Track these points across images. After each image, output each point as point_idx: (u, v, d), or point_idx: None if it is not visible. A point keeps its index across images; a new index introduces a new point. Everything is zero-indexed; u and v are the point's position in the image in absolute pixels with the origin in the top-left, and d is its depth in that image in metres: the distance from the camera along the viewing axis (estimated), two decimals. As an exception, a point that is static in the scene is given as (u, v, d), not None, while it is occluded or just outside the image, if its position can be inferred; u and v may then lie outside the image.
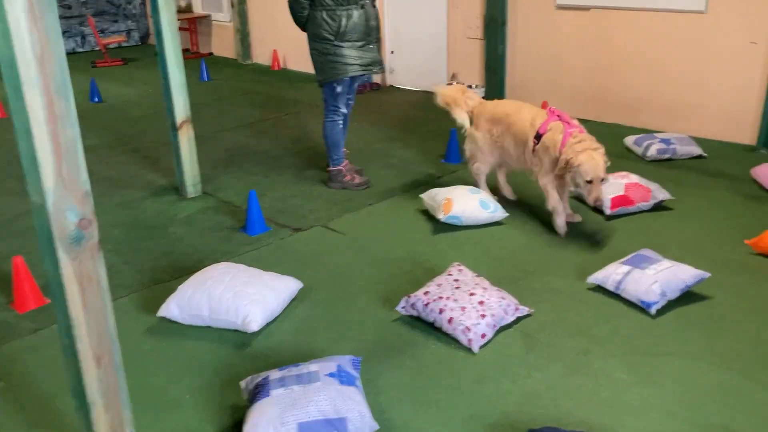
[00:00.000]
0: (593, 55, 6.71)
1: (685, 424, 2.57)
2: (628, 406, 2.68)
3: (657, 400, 2.70)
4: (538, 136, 4.15)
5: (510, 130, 4.40)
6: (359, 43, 4.85)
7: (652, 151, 5.52)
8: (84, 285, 1.91)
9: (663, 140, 5.58)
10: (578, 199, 4.61)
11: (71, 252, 1.86)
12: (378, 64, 5.03)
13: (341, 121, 5.09)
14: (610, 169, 4.00)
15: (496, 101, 4.75)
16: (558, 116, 4.14)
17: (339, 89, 4.95)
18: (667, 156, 5.52)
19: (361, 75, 4.97)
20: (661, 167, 5.36)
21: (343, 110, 5.07)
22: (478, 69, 7.74)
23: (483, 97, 7.56)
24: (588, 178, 3.85)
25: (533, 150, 4.20)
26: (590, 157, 3.86)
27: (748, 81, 5.72)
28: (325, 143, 5.18)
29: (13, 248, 4.15)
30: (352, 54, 4.83)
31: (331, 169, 5.21)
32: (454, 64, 8.04)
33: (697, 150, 5.58)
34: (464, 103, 4.75)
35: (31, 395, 2.85)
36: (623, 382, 2.82)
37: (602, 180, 3.88)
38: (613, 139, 6.05)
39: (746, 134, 5.84)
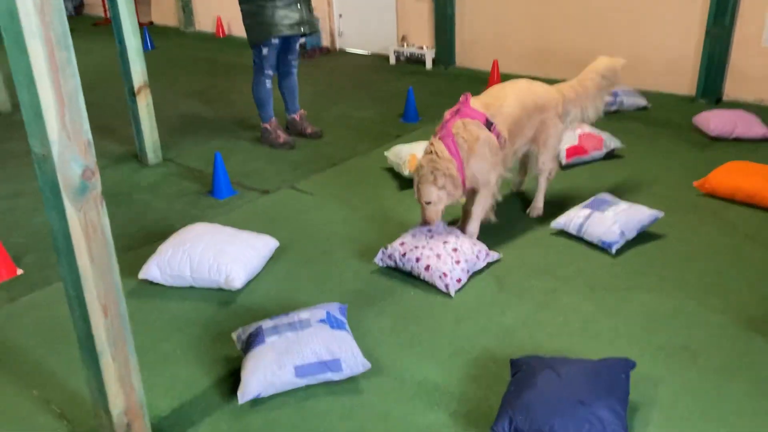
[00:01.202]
0: (539, 14, 6.88)
1: (650, 347, 2.78)
2: (596, 335, 2.88)
3: (623, 328, 2.92)
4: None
5: None
6: (284, 2, 4.90)
7: (600, 105, 5.74)
8: (90, 235, 1.95)
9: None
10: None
11: (76, 203, 1.90)
12: (307, 23, 5.07)
13: (268, 81, 5.19)
14: None
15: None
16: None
17: (265, 51, 5.04)
18: (614, 108, 5.76)
19: (289, 36, 5.02)
20: (610, 120, 5.58)
21: (269, 71, 5.16)
22: (428, 30, 7.82)
23: (433, 59, 7.70)
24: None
25: None
26: (415, 178, 3.44)
27: (686, 34, 6.00)
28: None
29: (-25, 221, 4.08)
30: (277, 14, 4.88)
31: (262, 125, 5.38)
32: (404, 25, 8.09)
33: (642, 101, 5.84)
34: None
35: (19, 361, 2.86)
36: (591, 314, 3.02)
37: (427, 203, 3.39)
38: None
39: (686, 85, 6.14)
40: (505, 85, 3.75)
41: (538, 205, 4.01)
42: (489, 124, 3.47)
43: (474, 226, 3.63)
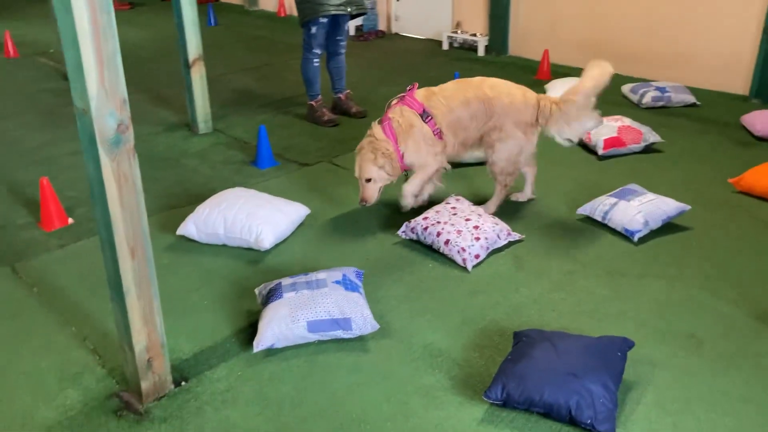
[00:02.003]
0: (593, 4, 6.84)
1: (655, 331, 2.84)
2: (605, 317, 2.95)
3: (632, 312, 2.98)
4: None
5: None
6: None
7: (647, 99, 5.70)
8: (121, 183, 2.15)
9: (658, 88, 5.76)
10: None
11: (111, 153, 2.10)
12: (354, 3, 5.22)
13: (316, 60, 5.37)
14: (604, 113, 4.11)
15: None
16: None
17: (313, 30, 5.21)
18: (661, 104, 5.70)
19: (337, 15, 5.17)
20: (655, 114, 5.55)
21: (317, 50, 5.33)
22: (483, 18, 7.85)
23: (486, 47, 7.73)
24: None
25: None
26: (356, 157, 3.66)
27: (743, 32, 5.87)
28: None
29: (37, 175, 4.38)
30: None
31: (308, 103, 5.56)
32: (459, 12, 8.14)
33: (690, 98, 5.76)
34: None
35: (62, 299, 3.13)
36: (603, 297, 3.09)
37: (367, 180, 3.60)
38: (611, 87, 6.18)
39: (739, 84, 6.02)
40: (467, 80, 3.81)
41: (489, 207, 3.83)
42: (425, 115, 3.62)
43: (406, 201, 3.79)
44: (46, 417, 2.43)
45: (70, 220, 3.84)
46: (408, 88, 3.76)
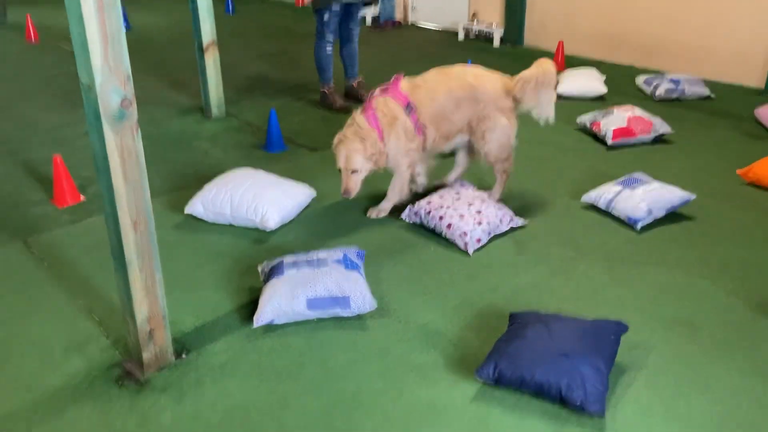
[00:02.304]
0: (611, -4, 6.81)
1: (653, 318, 2.86)
2: (603, 302, 2.97)
3: (631, 299, 2.99)
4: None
5: None
6: None
7: (661, 91, 5.68)
8: (125, 158, 2.21)
9: (672, 80, 5.73)
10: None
11: (114, 128, 2.16)
12: None
13: (328, 47, 5.43)
14: (617, 104, 4.09)
15: None
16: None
17: (326, 17, 5.27)
18: (675, 96, 5.67)
19: (350, 3, 5.22)
20: (668, 106, 5.52)
21: (330, 37, 5.38)
22: (499, 8, 7.84)
23: (501, 37, 7.72)
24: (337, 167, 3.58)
25: None
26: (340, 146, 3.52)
27: (760, 25, 5.82)
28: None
29: (51, 154, 4.48)
30: None
31: (321, 90, 5.62)
32: (476, 3, 8.13)
33: (705, 91, 5.73)
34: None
35: (71, 273, 3.21)
36: (602, 284, 3.11)
37: (353, 171, 3.50)
38: (625, 79, 6.23)
39: (755, 77, 5.97)
40: (448, 70, 3.75)
41: (494, 195, 3.81)
42: (409, 108, 3.57)
43: (386, 205, 3.74)
44: (51, 383, 2.51)
45: (82, 198, 3.93)
46: (394, 78, 3.70)
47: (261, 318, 2.71)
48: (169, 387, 2.48)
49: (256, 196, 3.51)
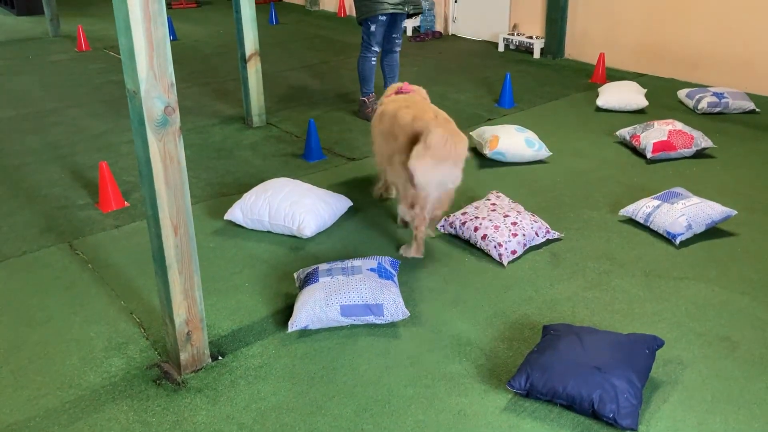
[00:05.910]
0: (651, 9, 6.73)
1: (689, 333, 2.82)
2: (639, 317, 2.94)
3: (667, 313, 2.96)
4: None
5: None
6: None
7: (703, 104, 5.58)
8: (167, 163, 2.28)
9: (715, 94, 5.64)
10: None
11: (157, 134, 2.23)
12: (411, 3, 5.31)
13: (373, 58, 5.49)
14: (658, 118, 4.03)
15: None
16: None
17: (372, 28, 5.31)
18: (718, 110, 5.57)
19: (395, 13, 5.26)
20: (711, 120, 5.43)
21: (375, 48, 5.43)
22: (540, 20, 7.82)
23: (541, 49, 7.70)
24: None
25: None
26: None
27: (810, 38, 5.70)
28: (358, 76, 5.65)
29: (98, 160, 4.64)
30: None
31: (360, 99, 5.69)
32: (517, 14, 8.13)
33: (749, 105, 5.62)
34: None
35: (114, 275, 3.31)
36: (638, 298, 3.08)
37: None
38: (667, 92, 6.15)
39: (803, 92, 5.84)
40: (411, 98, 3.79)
41: (410, 248, 3.42)
42: None
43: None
44: (91, 380, 2.59)
45: (126, 203, 4.05)
46: (403, 85, 3.85)
47: (295, 323, 2.76)
48: (205, 388, 2.54)
49: (294, 204, 3.57)
